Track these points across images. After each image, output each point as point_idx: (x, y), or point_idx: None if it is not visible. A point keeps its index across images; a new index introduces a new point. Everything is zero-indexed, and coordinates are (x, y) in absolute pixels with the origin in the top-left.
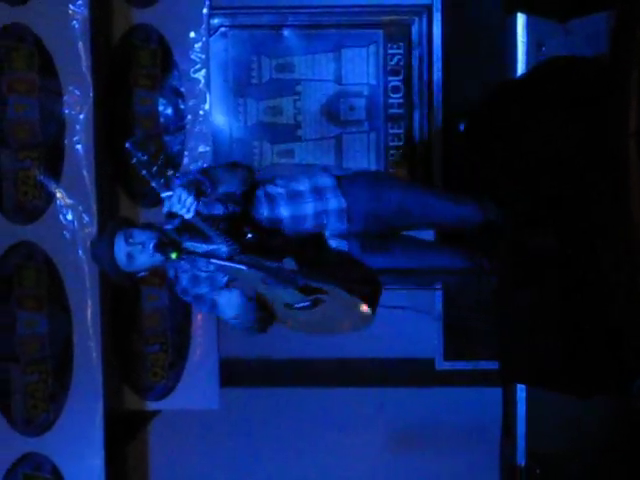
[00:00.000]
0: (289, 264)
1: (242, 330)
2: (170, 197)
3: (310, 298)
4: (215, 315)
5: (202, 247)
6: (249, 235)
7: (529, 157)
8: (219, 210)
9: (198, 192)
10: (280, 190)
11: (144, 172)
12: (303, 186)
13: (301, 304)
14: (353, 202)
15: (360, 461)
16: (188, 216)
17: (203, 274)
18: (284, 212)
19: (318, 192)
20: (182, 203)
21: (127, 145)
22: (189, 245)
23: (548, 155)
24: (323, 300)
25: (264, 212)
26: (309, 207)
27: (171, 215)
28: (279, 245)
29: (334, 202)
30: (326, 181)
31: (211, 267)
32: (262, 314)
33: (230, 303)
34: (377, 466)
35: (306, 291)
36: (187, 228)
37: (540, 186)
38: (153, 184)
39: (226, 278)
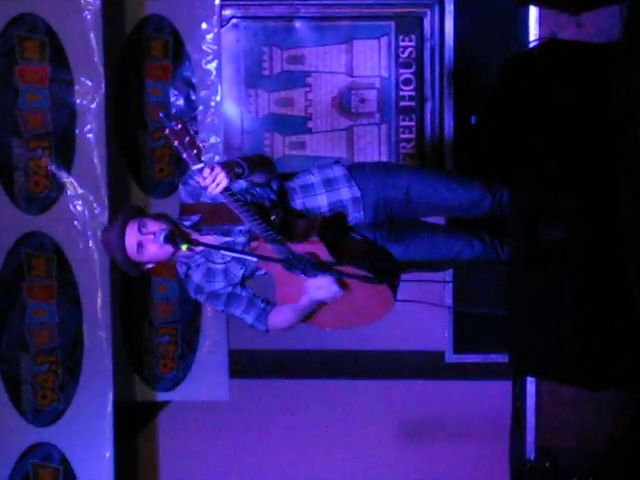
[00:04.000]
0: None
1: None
2: (201, 170)
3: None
4: (229, 313)
5: (218, 240)
6: (273, 217)
7: (541, 138)
8: (241, 191)
9: (233, 173)
10: (292, 184)
11: (176, 143)
12: (314, 178)
13: None
14: (363, 192)
15: (369, 454)
16: (215, 191)
17: (219, 267)
18: (299, 205)
19: (329, 183)
20: (214, 177)
21: (160, 115)
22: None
23: (560, 136)
24: (348, 284)
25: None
26: (322, 199)
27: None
28: (302, 228)
29: (347, 191)
30: (337, 171)
31: (227, 258)
32: None
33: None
34: (386, 459)
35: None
36: (207, 221)
37: (553, 169)
38: (184, 155)
39: (242, 271)
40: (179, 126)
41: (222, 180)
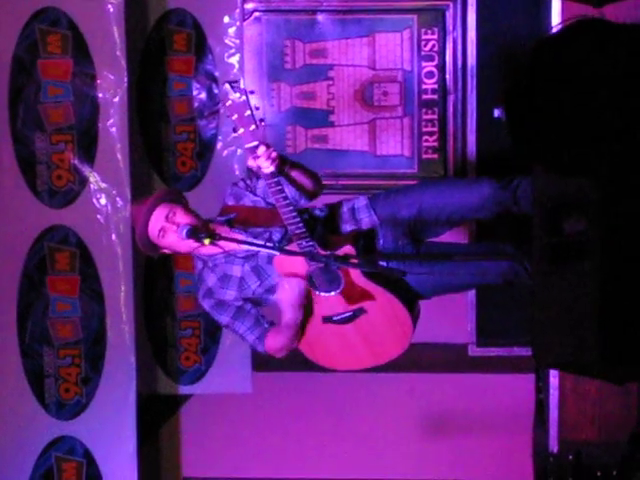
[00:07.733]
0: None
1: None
2: (255, 148)
3: (353, 308)
4: (233, 329)
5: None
6: (306, 215)
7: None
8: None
9: (281, 159)
10: (319, 213)
11: (235, 116)
12: (342, 208)
13: (341, 315)
14: (380, 219)
15: (391, 447)
16: (267, 170)
17: (236, 274)
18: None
19: (352, 212)
20: (268, 155)
21: (226, 84)
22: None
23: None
24: (366, 311)
25: None
26: (346, 227)
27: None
28: (337, 237)
29: (367, 221)
30: (360, 200)
31: (246, 267)
32: None
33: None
34: (409, 451)
35: (351, 297)
36: (242, 221)
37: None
38: (240, 131)
39: (257, 285)
40: (243, 99)
41: (275, 159)
